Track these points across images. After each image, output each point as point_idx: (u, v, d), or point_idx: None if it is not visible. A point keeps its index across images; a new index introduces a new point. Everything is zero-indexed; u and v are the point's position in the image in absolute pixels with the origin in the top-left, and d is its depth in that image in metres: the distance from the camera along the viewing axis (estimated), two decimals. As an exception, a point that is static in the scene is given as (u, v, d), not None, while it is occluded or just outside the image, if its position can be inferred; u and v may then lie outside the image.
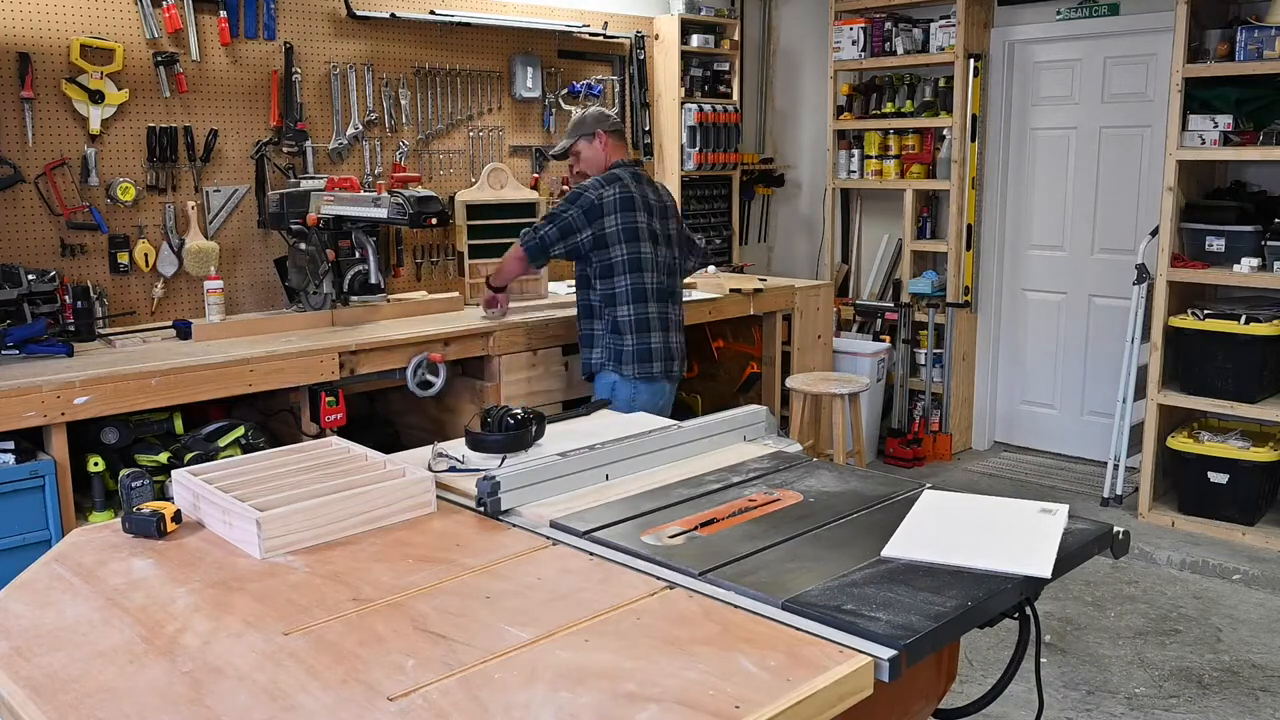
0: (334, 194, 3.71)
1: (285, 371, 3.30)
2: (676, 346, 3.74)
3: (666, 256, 3.73)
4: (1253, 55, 4.19)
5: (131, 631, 1.51)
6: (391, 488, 1.94)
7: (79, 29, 3.59)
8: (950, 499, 1.95)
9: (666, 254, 3.73)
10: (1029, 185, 5.59)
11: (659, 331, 3.65)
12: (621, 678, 1.34)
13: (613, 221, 3.56)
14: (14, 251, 3.53)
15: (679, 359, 3.77)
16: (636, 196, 3.61)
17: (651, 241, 3.64)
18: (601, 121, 3.74)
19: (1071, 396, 5.59)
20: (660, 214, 3.72)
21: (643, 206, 3.62)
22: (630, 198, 3.59)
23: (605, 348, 3.65)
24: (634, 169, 3.71)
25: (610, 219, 3.55)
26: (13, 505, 2.82)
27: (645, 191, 3.67)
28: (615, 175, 3.62)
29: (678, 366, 3.76)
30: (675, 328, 3.75)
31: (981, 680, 3.35)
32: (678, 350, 3.76)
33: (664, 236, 3.72)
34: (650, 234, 3.63)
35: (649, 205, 3.66)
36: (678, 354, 3.75)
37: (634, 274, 3.59)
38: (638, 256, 3.59)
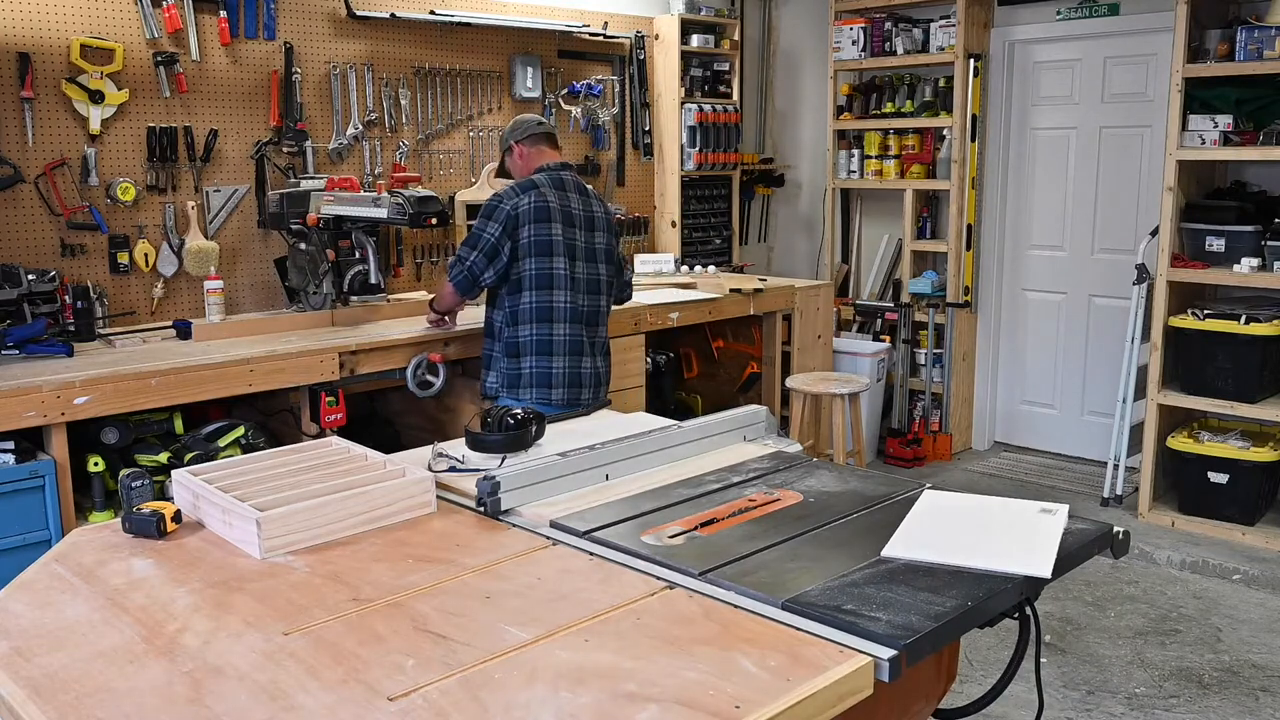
0: (334, 194, 3.71)
1: (285, 371, 3.30)
2: (589, 373, 3.41)
3: (588, 273, 3.41)
4: (1253, 55, 4.19)
5: (131, 631, 1.51)
6: (391, 488, 1.94)
7: (79, 29, 3.59)
8: (950, 499, 1.95)
9: (588, 270, 3.41)
10: (1029, 185, 5.59)
11: (566, 355, 3.35)
12: (621, 678, 1.34)
13: (526, 232, 3.28)
14: (14, 251, 3.53)
15: (592, 386, 3.42)
16: (554, 206, 3.32)
17: (568, 256, 3.34)
18: (515, 131, 3.50)
19: (1071, 396, 5.59)
20: (587, 225, 3.42)
21: (560, 218, 3.33)
22: (545, 207, 3.30)
23: (500, 372, 3.38)
24: (559, 174, 3.42)
25: (524, 230, 3.28)
26: (13, 505, 2.82)
27: (569, 200, 3.38)
28: (532, 182, 3.36)
29: (589, 394, 3.41)
30: (592, 352, 3.43)
31: (981, 680, 3.35)
32: (591, 376, 3.42)
33: (587, 250, 3.41)
34: (567, 248, 3.34)
35: (570, 216, 3.37)
36: (590, 380, 3.41)
37: (540, 291, 3.30)
38: (548, 272, 3.30)
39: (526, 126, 3.51)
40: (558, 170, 3.44)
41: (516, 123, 3.55)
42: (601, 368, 3.49)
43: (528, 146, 3.48)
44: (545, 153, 3.50)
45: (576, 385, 3.38)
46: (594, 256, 3.44)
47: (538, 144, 3.50)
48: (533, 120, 3.55)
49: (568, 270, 3.34)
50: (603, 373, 3.50)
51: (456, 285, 3.39)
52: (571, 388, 3.36)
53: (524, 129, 3.50)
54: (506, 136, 3.54)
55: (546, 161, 3.47)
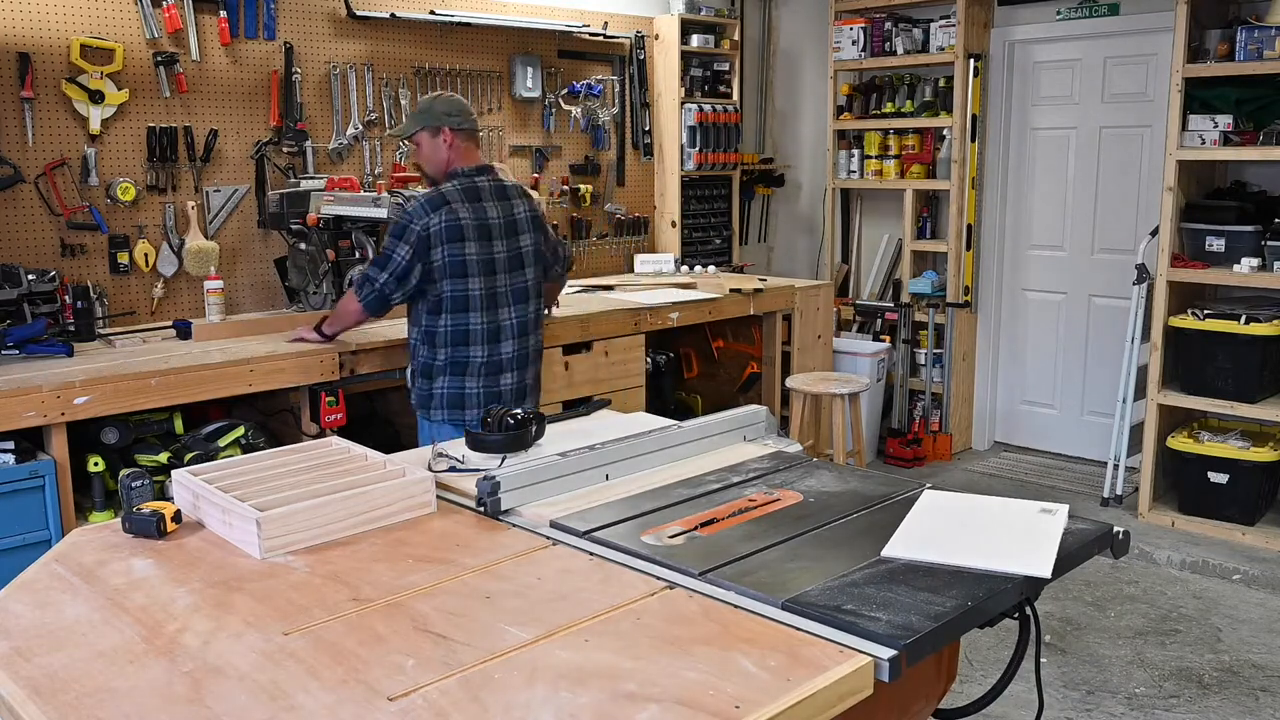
0: (334, 194, 3.71)
1: (285, 371, 3.30)
2: (510, 389, 3.23)
3: (512, 283, 3.21)
4: (1253, 55, 4.19)
5: (131, 631, 1.51)
6: (391, 488, 1.94)
7: (79, 29, 3.59)
8: (950, 499, 1.95)
9: (512, 280, 3.21)
10: (1029, 185, 5.59)
11: (481, 376, 3.18)
12: (621, 678, 1.34)
13: (439, 254, 3.07)
14: (14, 251, 3.53)
15: (517, 400, 3.25)
16: (467, 223, 3.09)
17: (484, 274, 3.13)
18: (451, 116, 3.17)
19: (1071, 396, 5.59)
20: (508, 231, 3.19)
21: (475, 234, 3.10)
22: (457, 225, 3.07)
23: (417, 391, 3.23)
24: (473, 180, 3.16)
25: (437, 251, 3.06)
26: (13, 505, 2.82)
27: (485, 211, 3.14)
28: (442, 196, 3.09)
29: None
30: (513, 367, 3.24)
31: (981, 680, 3.35)
32: (512, 391, 3.24)
33: (510, 260, 3.20)
34: (483, 265, 3.12)
35: (487, 229, 3.13)
36: (508, 397, 3.22)
37: (456, 314, 3.12)
38: (464, 294, 3.11)
39: (464, 117, 3.19)
40: (472, 176, 3.17)
41: (451, 104, 3.20)
42: (528, 380, 3.32)
43: (460, 139, 3.19)
44: (470, 151, 3.22)
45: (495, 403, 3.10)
46: (519, 263, 3.23)
47: (468, 139, 3.21)
48: (465, 108, 3.23)
49: (483, 289, 3.13)
50: (529, 385, 3.33)
51: (366, 306, 3.16)
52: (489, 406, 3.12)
53: (460, 119, 3.18)
54: (436, 114, 3.17)
55: (464, 164, 3.19)
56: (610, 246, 5.34)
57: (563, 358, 4.01)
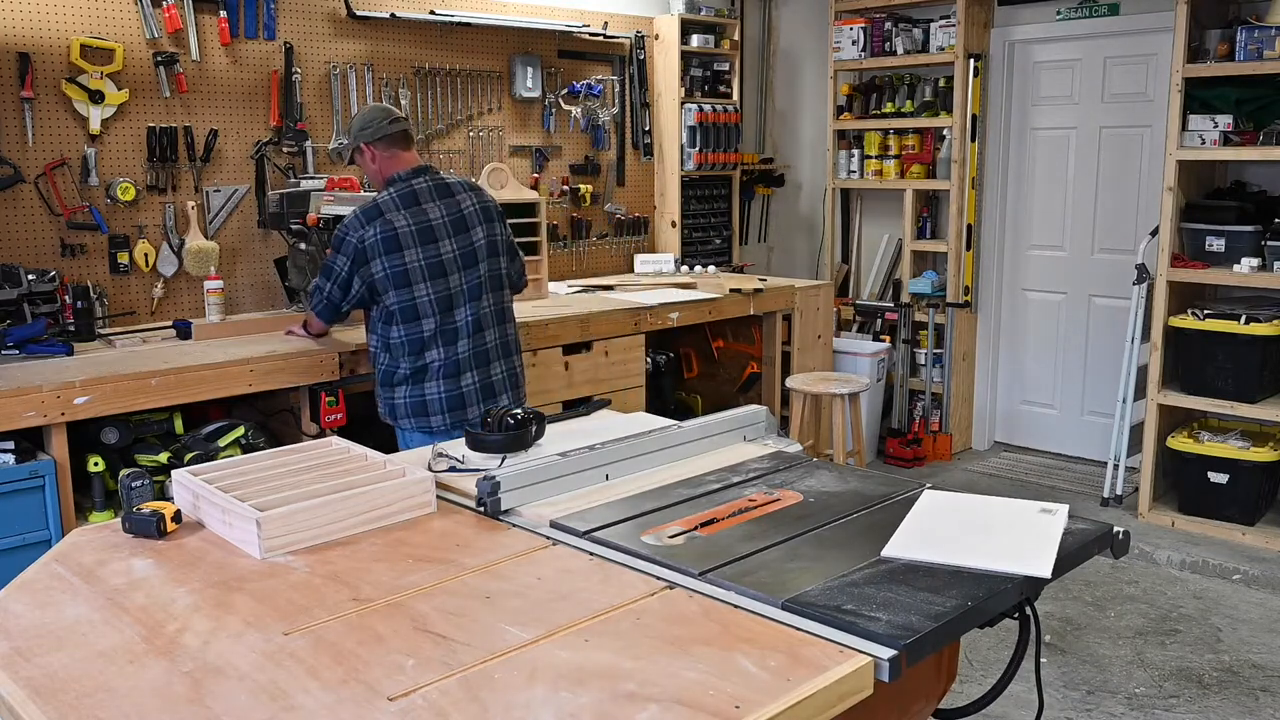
0: (334, 194, 3.71)
1: (285, 371, 3.30)
2: (471, 390, 3.11)
3: (468, 280, 3.10)
4: (1253, 55, 4.19)
5: (131, 631, 1.51)
6: (391, 488, 1.94)
7: (79, 29, 3.59)
8: (950, 499, 1.95)
9: (467, 278, 3.09)
10: (1029, 185, 5.59)
11: (440, 379, 3.07)
12: (621, 678, 1.34)
13: (379, 266, 2.99)
14: (14, 251, 3.53)
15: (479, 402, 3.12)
16: (404, 230, 2.99)
17: (432, 277, 3.02)
18: (365, 129, 3.08)
19: (1071, 396, 5.59)
20: (455, 229, 3.08)
21: (416, 239, 3.00)
22: (393, 236, 2.98)
23: (382, 401, 3.16)
24: (410, 184, 3.06)
25: (376, 264, 2.99)
26: (13, 505, 2.82)
27: (425, 214, 3.04)
28: (377, 207, 3.02)
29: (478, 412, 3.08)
30: (472, 366, 3.12)
31: (981, 680, 3.35)
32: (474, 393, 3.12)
33: (462, 257, 3.08)
34: (430, 269, 3.02)
35: (429, 231, 3.03)
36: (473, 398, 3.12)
37: (408, 324, 3.04)
38: (411, 303, 3.02)
39: (376, 127, 3.08)
40: (409, 180, 3.07)
41: (363, 120, 3.12)
42: (495, 376, 3.18)
43: (380, 150, 3.09)
44: (399, 156, 3.11)
45: (460, 407, 3.09)
46: (471, 259, 3.11)
47: (391, 146, 3.10)
48: (381, 115, 3.11)
49: (432, 293, 3.03)
50: (496, 381, 3.19)
51: (319, 315, 3.19)
52: (454, 411, 3.09)
53: (374, 130, 3.08)
54: (353, 136, 3.13)
55: (399, 169, 3.09)
56: (610, 246, 5.34)
57: (563, 358, 4.01)
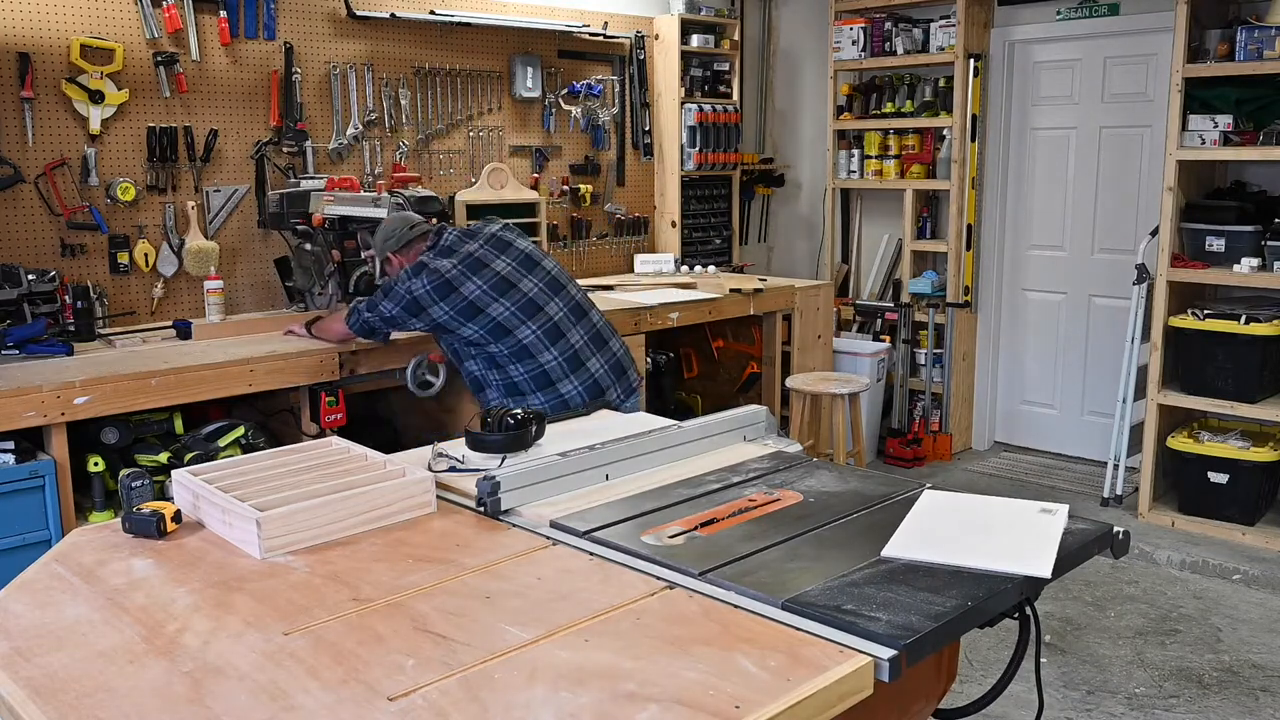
0: (334, 194, 3.71)
1: (285, 371, 3.30)
2: (603, 373, 3.17)
3: (535, 283, 3.13)
4: (1253, 55, 4.19)
5: (131, 631, 1.51)
6: (391, 488, 1.94)
7: (79, 29, 3.59)
8: (950, 499, 1.95)
9: (534, 281, 3.13)
10: (1029, 185, 5.59)
11: (568, 378, 3.10)
12: (621, 678, 1.34)
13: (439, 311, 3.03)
14: (14, 251, 3.53)
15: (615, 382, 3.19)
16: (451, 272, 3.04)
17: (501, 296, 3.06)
18: (387, 243, 3.24)
19: (1071, 396, 5.59)
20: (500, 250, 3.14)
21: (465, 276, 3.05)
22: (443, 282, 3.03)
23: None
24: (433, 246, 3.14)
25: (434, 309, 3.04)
26: (13, 505, 2.82)
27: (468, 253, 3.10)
28: (420, 264, 3.09)
29: (616, 392, 3.18)
30: (595, 350, 3.17)
31: (981, 680, 3.35)
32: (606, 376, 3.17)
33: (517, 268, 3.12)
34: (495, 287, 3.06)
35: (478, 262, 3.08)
36: (608, 380, 3.17)
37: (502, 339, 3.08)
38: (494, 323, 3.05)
39: (398, 238, 3.23)
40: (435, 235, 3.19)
41: (385, 234, 3.26)
42: (617, 350, 3.24)
43: (404, 255, 3.22)
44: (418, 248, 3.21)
45: (599, 395, 3.14)
46: (530, 263, 3.17)
47: (412, 246, 3.22)
48: (402, 224, 3.27)
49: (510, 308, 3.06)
50: (621, 356, 3.25)
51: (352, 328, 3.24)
52: (593, 400, 3.11)
53: (395, 241, 3.23)
54: (378, 248, 3.29)
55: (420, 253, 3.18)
56: (610, 246, 5.34)
57: (563, 358, 4.01)
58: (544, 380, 3.09)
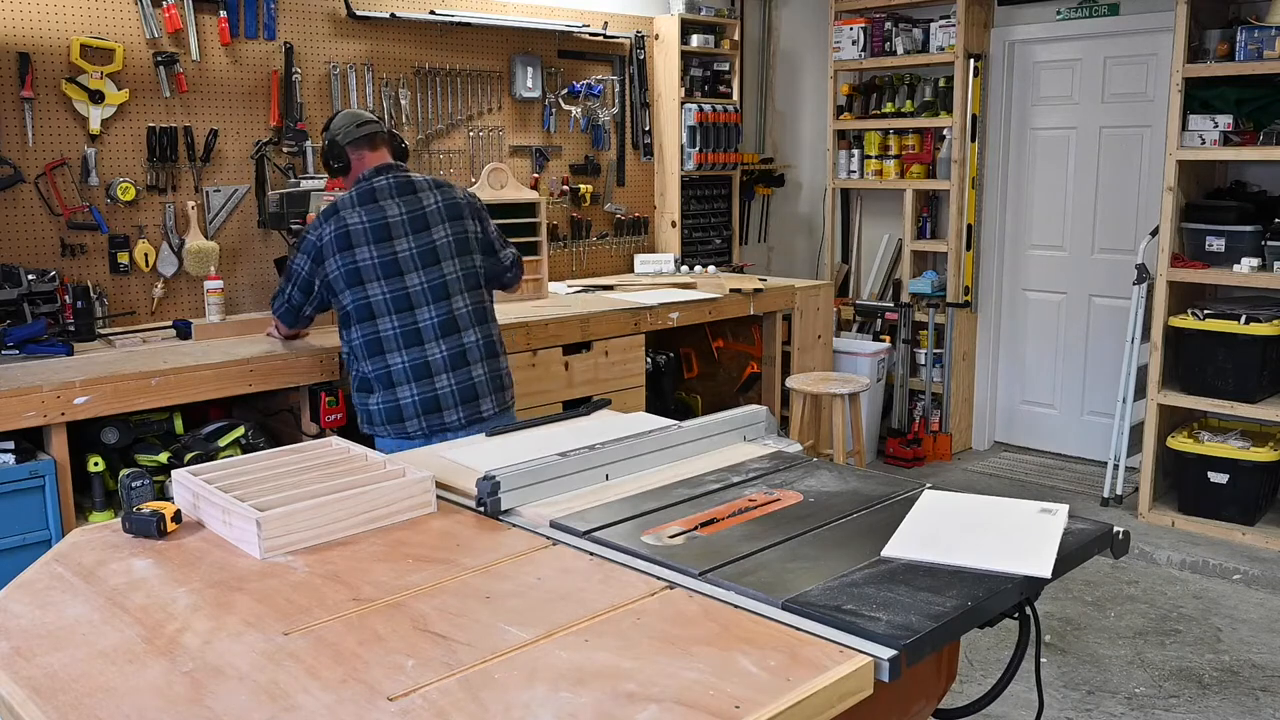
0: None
1: (285, 371, 3.30)
2: (448, 392, 3.00)
3: (428, 279, 3.01)
4: (1253, 55, 4.19)
5: (131, 631, 1.51)
6: (391, 488, 1.94)
7: (79, 29, 3.59)
8: (950, 499, 1.95)
9: (427, 277, 3.00)
10: (1029, 185, 5.59)
11: (412, 384, 2.98)
12: (621, 678, 1.34)
13: (333, 264, 2.97)
14: (14, 251, 3.53)
15: (458, 405, 3.02)
16: (356, 228, 2.95)
17: (386, 275, 2.96)
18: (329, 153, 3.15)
19: (1071, 396, 5.59)
20: (415, 226, 3.01)
21: (369, 237, 2.95)
22: (345, 233, 2.95)
23: (359, 409, 3.08)
24: (371, 182, 3.04)
25: (330, 262, 2.97)
26: (13, 505, 2.82)
27: (382, 211, 2.99)
28: (334, 206, 3.01)
29: (457, 415, 3.01)
30: (447, 368, 3.01)
31: (981, 680, 3.35)
32: (450, 396, 3.01)
33: (421, 255, 3.00)
34: (384, 268, 2.96)
35: (385, 228, 2.98)
36: (450, 400, 3.01)
37: (364, 324, 2.98)
38: (365, 302, 2.96)
39: (345, 130, 3.12)
40: (370, 179, 3.05)
41: (340, 120, 3.17)
42: (478, 376, 3.07)
43: (353, 151, 3.12)
44: (365, 157, 3.11)
45: (435, 410, 2.99)
46: (432, 258, 3.02)
47: (358, 149, 3.11)
48: (350, 120, 3.15)
49: (387, 292, 2.96)
50: (480, 382, 3.07)
51: (281, 318, 3.21)
52: (429, 414, 2.99)
53: (343, 133, 3.11)
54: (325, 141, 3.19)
55: (364, 169, 3.09)
56: (610, 246, 5.34)
57: (563, 358, 4.01)
58: (386, 381, 3.01)
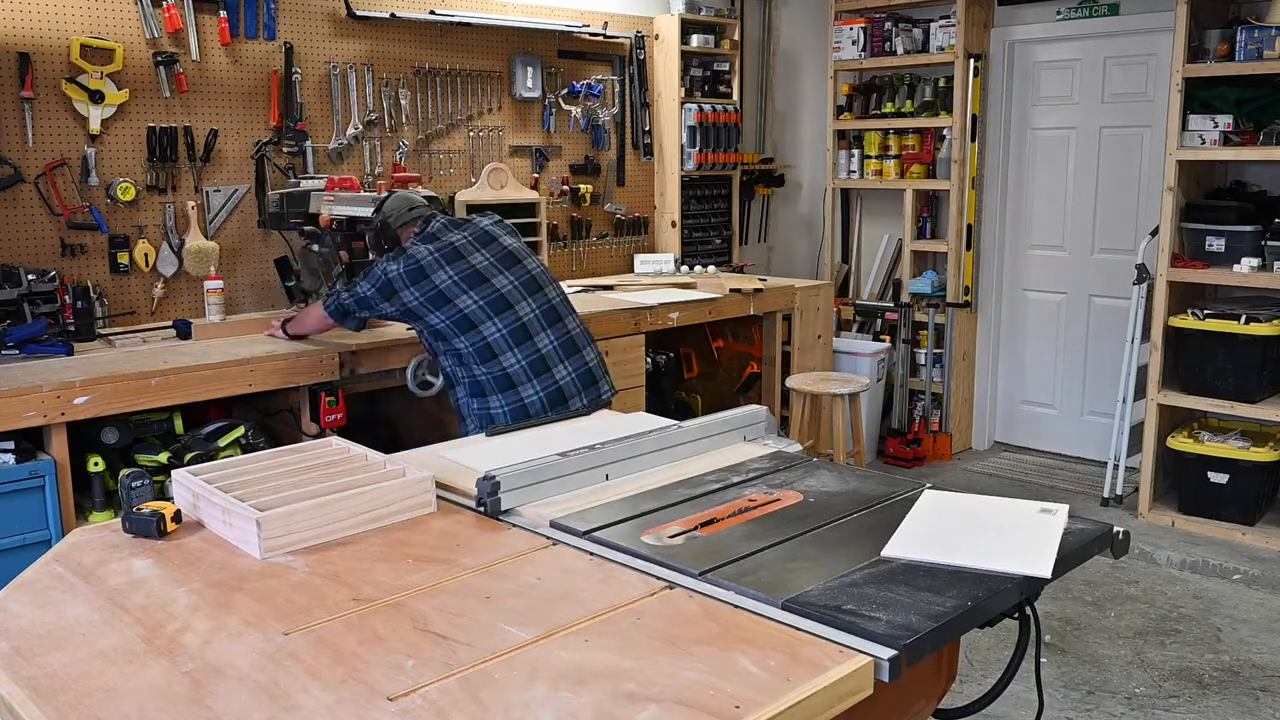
0: (334, 194, 3.70)
1: (285, 371, 3.30)
2: (569, 381, 3.07)
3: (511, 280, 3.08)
4: (1253, 55, 4.19)
5: (131, 631, 1.51)
6: (391, 488, 1.94)
7: (79, 29, 3.59)
8: (950, 499, 1.95)
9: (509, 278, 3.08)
10: (1029, 185, 5.59)
11: (531, 381, 3.02)
12: (621, 678, 1.34)
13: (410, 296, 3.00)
14: (14, 251, 3.53)
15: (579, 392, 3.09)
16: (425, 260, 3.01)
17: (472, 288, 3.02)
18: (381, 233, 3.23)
19: (1071, 396, 5.59)
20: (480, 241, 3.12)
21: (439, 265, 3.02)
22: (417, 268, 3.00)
23: (475, 417, 3.07)
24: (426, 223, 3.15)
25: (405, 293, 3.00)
26: (13, 505, 2.82)
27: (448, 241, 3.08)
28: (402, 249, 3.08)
29: (581, 402, 3.07)
30: (565, 355, 3.09)
31: (981, 680, 3.35)
32: (573, 383, 3.08)
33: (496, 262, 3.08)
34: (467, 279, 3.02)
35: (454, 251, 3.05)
36: (574, 388, 3.08)
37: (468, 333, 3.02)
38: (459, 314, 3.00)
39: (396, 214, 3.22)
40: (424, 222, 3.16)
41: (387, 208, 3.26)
42: (590, 360, 3.16)
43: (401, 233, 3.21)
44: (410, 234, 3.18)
45: (561, 403, 3.05)
46: (510, 260, 3.13)
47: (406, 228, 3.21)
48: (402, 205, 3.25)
49: (478, 300, 3.01)
50: (594, 366, 3.16)
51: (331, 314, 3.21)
52: (555, 409, 3.03)
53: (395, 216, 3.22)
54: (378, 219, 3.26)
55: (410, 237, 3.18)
56: (610, 246, 5.34)
57: (563, 358, 4.01)
58: (505, 382, 3.02)
